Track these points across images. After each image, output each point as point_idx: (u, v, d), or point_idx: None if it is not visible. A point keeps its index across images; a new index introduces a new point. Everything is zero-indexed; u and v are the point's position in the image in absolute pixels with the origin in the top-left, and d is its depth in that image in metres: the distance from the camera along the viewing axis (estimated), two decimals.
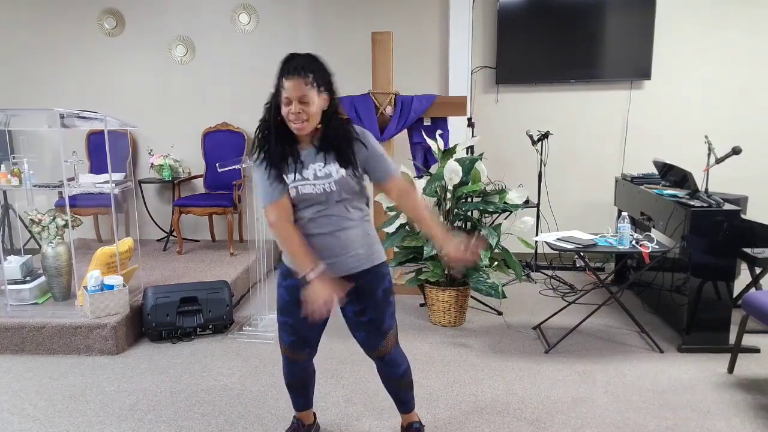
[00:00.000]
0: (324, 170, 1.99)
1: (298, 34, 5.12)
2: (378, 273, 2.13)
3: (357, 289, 2.09)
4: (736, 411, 2.70)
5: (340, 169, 1.98)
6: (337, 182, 1.98)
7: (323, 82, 1.93)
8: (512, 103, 5.06)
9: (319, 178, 1.98)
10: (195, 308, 3.60)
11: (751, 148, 4.77)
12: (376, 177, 2.09)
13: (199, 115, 5.28)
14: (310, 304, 1.90)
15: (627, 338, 3.55)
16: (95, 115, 3.46)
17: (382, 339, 2.18)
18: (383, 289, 2.14)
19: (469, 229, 3.77)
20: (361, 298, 2.12)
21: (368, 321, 2.15)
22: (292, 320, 2.18)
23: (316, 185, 1.99)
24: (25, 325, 3.36)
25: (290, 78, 1.87)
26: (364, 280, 2.10)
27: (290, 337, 2.22)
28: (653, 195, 3.75)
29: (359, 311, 2.14)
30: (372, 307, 2.13)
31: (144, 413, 2.74)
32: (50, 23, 5.27)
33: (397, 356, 2.26)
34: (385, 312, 2.16)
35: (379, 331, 2.17)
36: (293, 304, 2.14)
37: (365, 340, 2.20)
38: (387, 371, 2.27)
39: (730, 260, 3.26)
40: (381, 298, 2.14)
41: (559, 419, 2.65)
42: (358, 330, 2.20)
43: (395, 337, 2.24)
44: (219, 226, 5.45)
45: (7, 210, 5.10)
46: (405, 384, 2.32)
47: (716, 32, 4.78)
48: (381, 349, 2.20)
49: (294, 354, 2.25)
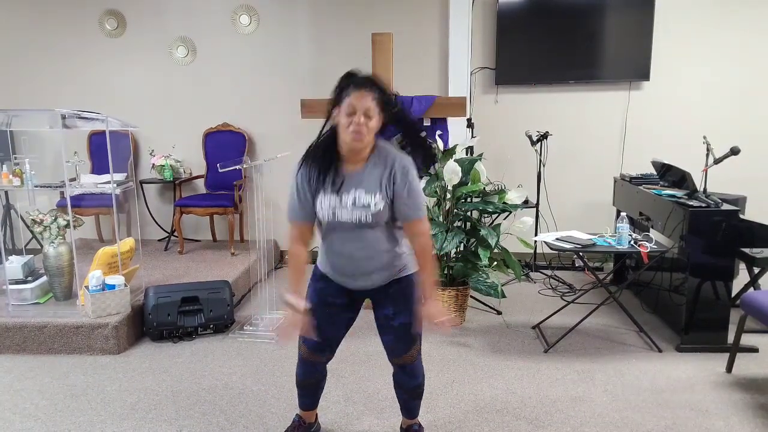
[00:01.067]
0: (364, 200, 1.95)
1: (299, 36, 5.14)
2: (410, 281, 2.12)
3: (389, 294, 2.11)
4: (734, 410, 2.72)
5: (380, 202, 1.95)
6: (374, 215, 1.96)
7: (383, 103, 1.92)
8: (512, 103, 5.07)
9: (357, 207, 1.95)
10: (196, 308, 3.62)
11: (749, 148, 4.78)
12: (402, 214, 2.01)
13: (200, 116, 5.30)
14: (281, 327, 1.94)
15: (626, 338, 3.57)
16: (97, 116, 3.47)
17: (410, 345, 2.18)
18: (416, 297, 2.12)
19: (469, 229, 3.78)
20: (393, 303, 2.13)
21: (399, 325, 2.15)
22: (317, 321, 2.14)
23: (353, 213, 1.96)
24: (27, 324, 3.37)
25: (359, 89, 1.86)
26: (398, 286, 2.12)
27: (313, 339, 2.18)
28: (652, 195, 3.77)
29: (391, 315, 2.14)
30: (403, 312, 2.13)
31: (145, 412, 2.75)
32: (52, 24, 5.28)
33: (418, 367, 2.26)
34: (416, 318, 2.14)
35: (408, 336, 2.16)
36: (320, 305, 2.16)
37: (393, 344, 2.19)
38: (404, 380, 2.27)
39: (729, 260, 3.27)
40: (413, 305, 2.12)
41: (558, 418, 2.66)
42: (386, 333, 2.19)
43: (420, 346, 2.24)
44: (220, 226, 5.47)
45: (9, 210, 5.12)
46: (417, 395, 2.34)
47: (715, 33, 4.79)
48: (406, 357, 2.20)
49: (312, 356, 2.26)
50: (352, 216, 1.96)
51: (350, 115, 1.87)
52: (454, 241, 3.53)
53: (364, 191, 1.96)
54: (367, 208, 1.95)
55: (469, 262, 3.74)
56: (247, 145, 5.21)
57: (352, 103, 1.86)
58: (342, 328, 2.25)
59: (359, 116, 1.86)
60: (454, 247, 3.55)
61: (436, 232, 3.57)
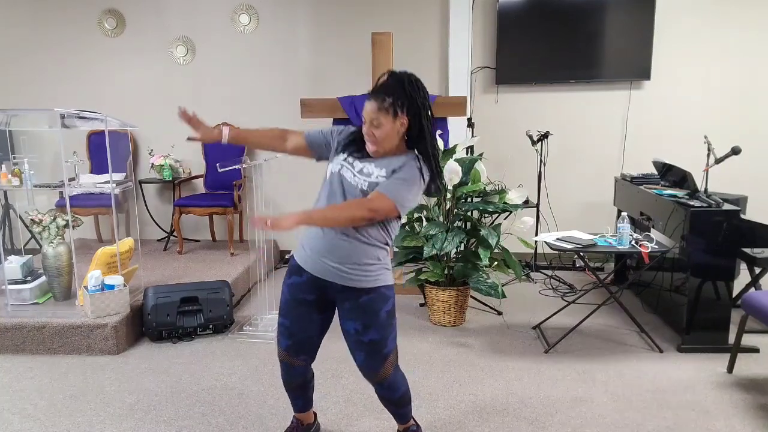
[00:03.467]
0: (369, 170, 2.02)
1: (299, 35, 5.13)
2: (381, 294, 2.10)
3: (359, 305, 2.08)
4: (735, 411, 2.71)
5: (381, 177, 1.99)
6: (371, 185, 1.99)
7: (403, 106, 1.95)
8: (512, 103, 5.07)
9: (362, 174, 2.02)
10: (195, 308, 3.61)
11: (750, 148, 4.77)
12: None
13: (199, 116, 5.25)
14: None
15: (626, 338, 3.56)
16: (96, 116, 3.47)
17: (382, 363, 2.15)
18: (386, 311, 2.11)
19: (469, 229, 3.77)
20: (363, 316, 2.09)
21: (369, 341, 2.11)
22: (289, 322, 2.17)
23: (355, 178, 2.02)
24: (26, 324, 3.36)
25: (370, 99, 1.96)
26: (367, 298, 2.08)
27: (286, 341, 2.20)
28: (653, 195, 3.76)
29: (360, 330, 2.10)
30: (375, 327, 2.10)
31: (144, 413, 2.75)
32: (51, 23, 5.27)
33: (396, 379, 2.22)
34: (388, 335, 2.13)
35: (380, 353, 2.13)
36: (293, 303, 2.15)
37: (365, 362, 2.16)
38: (386, 394, 2.25)
39: (730, 260, 3.27)
40: (384, 319, 2.11)
41: (559, 419, 2.66)
42: (358, 350, 2.15)
43: (395, 360, 2.20)
44: (219, 226, 5.46)
45: (8, 210, 5.11)
46: (403, 403, 2.31)
47: (716, 32, 4.79)
48: (381, 374, 2.16)
49: (288, 358, 2.24)
50: (353, 179, 2.02)
51: (365, 123, 2.00)
52: (454, 241, 3.53)
53: (373, 166, 2.03)
54: (369, 176, 2.01)
55: (470, 262, 3.73)
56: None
57: (364, 114, 1.98)
58: (315, 331, 2.20)
59: (367, 126, 1.98)
60: (455, 247, 3.55)
61: (436, 232, 3.56)
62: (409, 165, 2.00)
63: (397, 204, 1.96)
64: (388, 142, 1.99)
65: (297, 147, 2.20)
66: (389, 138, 1.98)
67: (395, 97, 1.94)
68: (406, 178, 1.98)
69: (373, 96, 1.95)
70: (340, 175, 2.04)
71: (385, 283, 2.11)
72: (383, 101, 1.93)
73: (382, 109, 1.93)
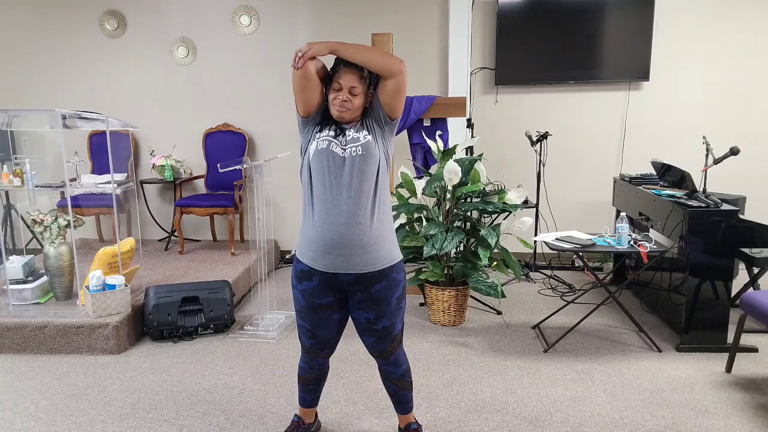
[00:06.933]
0: (354, 135, 2.05)
1: (299, 36, 5.14)
2: (392, 280, 2.13)
3: (371, 296, 2.11)
4: (733, 410, 2.72)
5: (368, 134, 2.05)
6: (364, 146, 2.03)
7: (371, 79, 2.03)
8: (511, 103, 5.08)
9: (350, 142, 2.04)
10: (196, 308, 3.62)
11: (748, 148, 4.81)
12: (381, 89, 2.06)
13: (200, 116, 5.31)
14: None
15: (625, 337, 3.57)
16: (97, 116, 3.48)
17: (390, 343, 2.23)
18: (397, 297, 2.16)
19: (469, 230, 3.79)
20: (375, 306, 2.14)
21: (381, 328, 2.18)
22: (309, 325, 2.21)
23: (346, 148, 2.04)
24: (27, 324, 3.38)
25: (348, 68, 1.99)
26: (379, 286, 2.11)
27: (309, 341, 2.26)
28: (651, 195, 3.77)
29: (373, 319, 2.16)
30: (386, 315, 2.16)
31: (146, 412, 2.76)
32: (52, 24, 5.29)
33: (400, 356, 2.30)
34: (398, 319, 2.21)
35: (389, 336, 2.22)
36: (309, 309, 2.18)
37: (374, 344, 2.24)
38: (389, 370, 2.31)
39: (728, 260, 3.28)
40: (394, 306, 2.17)
41: (558, 418, 2.67)
42: (368, 336, 2.22)
43: (401, 337, 2.29)
44: (220, 226, 5.47)
45: (10, 210, 5.13)
46: (405, 384, 2.35)
47: (714, 33, 4.80)
48: (387, 351, 2.25)
49: (313, 353, 2.30)
50: (344, 151, 2.04)
51: (337, 90, 2.02)
52: (454, 241, 3.54)
53: (354, 131, 2.07)
54: (357, 141, 2.04)
55: (469, 262, 3.75)
56: (248, 145, 5.21)
57: (339, 81, 2.01)
58: (334, 331, 2.26)
59: (344, 93, 2.01)
60: (454, 247, 3.56)
61: (435, 232, 3.58)
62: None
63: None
64: (358, 111, 2.06)
65: (314, 90, 2.09)
66: (361, 107, 2.05)
67: (367, 71, 2.02)
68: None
69: (352, 66, 2.00)
70: (329, 151, 2.05)
71: (396, 260, 2.14)
72: (362, 71, 2.01)
73: (363, 78, 2.01)
